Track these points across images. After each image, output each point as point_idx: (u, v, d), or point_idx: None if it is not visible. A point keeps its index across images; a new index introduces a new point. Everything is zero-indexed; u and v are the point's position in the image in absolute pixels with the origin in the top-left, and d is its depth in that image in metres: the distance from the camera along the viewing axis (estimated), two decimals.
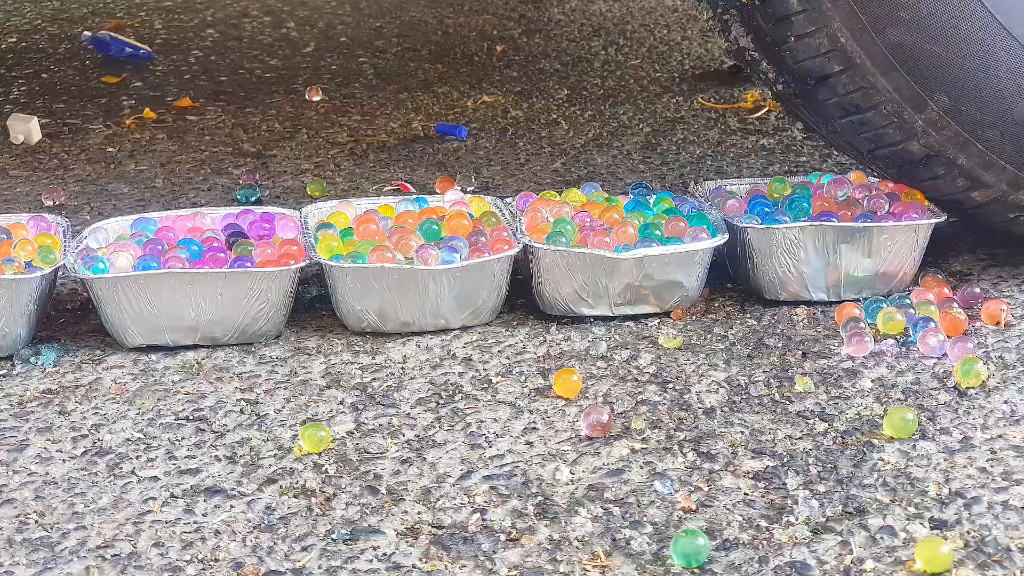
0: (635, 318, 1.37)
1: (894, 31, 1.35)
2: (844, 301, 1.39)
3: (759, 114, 2.09)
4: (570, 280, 1.35)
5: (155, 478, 1.10)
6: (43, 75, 2.27)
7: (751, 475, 1.10)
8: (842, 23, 1.36)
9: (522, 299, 1.41)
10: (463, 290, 1.33)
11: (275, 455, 1.14)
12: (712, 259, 1.39)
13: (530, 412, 1.21)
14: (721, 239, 1.37)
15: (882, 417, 1.18)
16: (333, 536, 1.03)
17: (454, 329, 1.36)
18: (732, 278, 1.45)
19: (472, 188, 1.76)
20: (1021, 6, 1.36)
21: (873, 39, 1.36)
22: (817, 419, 1.19)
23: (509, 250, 1.35)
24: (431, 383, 1.26)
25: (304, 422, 1.18)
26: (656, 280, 1.35)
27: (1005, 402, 1.21)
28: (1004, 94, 1.37)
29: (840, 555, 1.00)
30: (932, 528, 1.03)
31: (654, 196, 1.51)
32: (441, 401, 1.23)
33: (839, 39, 1.36)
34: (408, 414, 1.21)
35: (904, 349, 1.31)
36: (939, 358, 1.29)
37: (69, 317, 1.39)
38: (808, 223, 1.38)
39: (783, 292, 1.40)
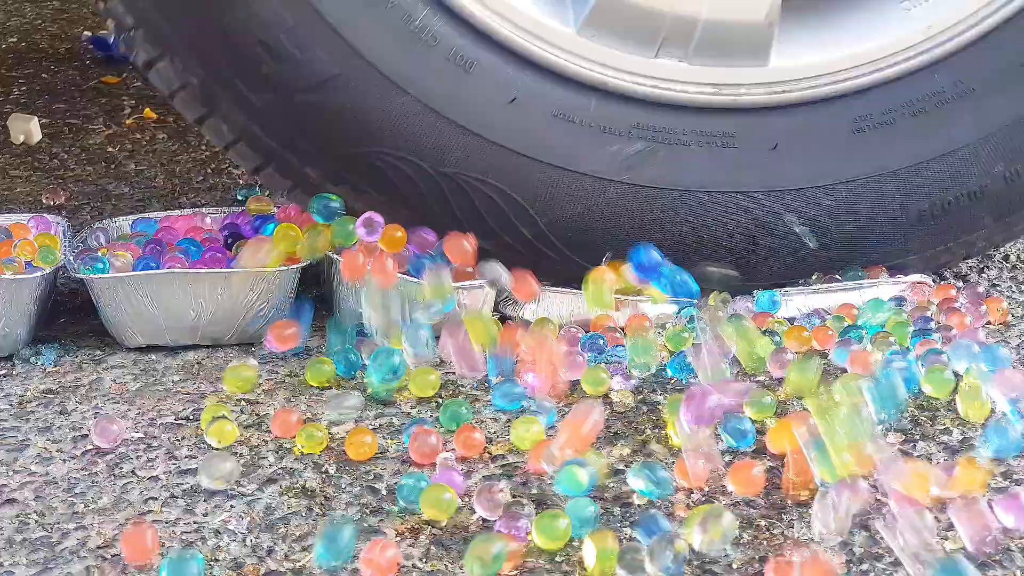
0: None
1: None
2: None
3: None
4: None
5: (155, 478, 1.10)
6: (43, 75, 2.27)
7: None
8: None
9: None
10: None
11: (275, 455, 1.14)
12: None
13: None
14: None
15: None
16: None
17: None
18: None
19: None
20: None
21: None
22: None
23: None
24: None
25: (304, 422, 1.18)
26: None
27: None
28: None
29: (840, 555, 1.00)
30: None
31: None
32: (441, 401, 1.23)
33: None
34: (408, 414, 1.21)
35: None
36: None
37: (69, 317, 1.39)
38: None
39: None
